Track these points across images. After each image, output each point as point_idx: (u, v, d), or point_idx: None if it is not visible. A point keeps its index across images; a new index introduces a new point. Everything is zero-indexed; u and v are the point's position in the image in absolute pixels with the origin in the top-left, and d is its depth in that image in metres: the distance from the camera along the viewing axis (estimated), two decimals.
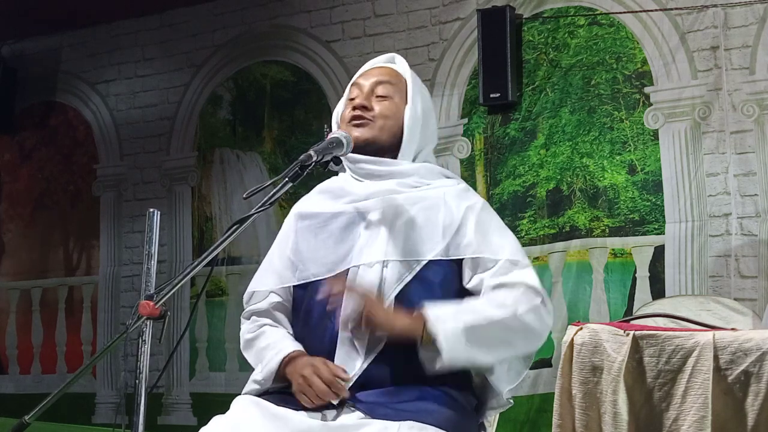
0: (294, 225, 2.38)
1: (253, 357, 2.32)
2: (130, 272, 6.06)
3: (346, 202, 2.32)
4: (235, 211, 5.73)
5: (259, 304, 2.36)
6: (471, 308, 2.15)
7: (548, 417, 2.50)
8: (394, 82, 2.37)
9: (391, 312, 2.13)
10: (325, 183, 2.43)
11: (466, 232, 2.24)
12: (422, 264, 2.21)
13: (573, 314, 4.56)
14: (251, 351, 2.33)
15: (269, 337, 2.29)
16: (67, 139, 6.50)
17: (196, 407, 5.72)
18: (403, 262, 2.21)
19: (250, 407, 2.10)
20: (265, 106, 5.77)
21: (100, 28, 6.33)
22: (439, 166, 2.46)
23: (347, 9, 5.47)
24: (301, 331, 2.29)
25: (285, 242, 2.38)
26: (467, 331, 2.09)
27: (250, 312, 2.37)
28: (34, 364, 6.40)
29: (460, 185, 2.38)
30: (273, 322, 2.33)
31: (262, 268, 2.40)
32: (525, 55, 4.89)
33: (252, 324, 2.36)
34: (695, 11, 4.44)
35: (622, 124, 4.62)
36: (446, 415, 2.08)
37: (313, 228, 2.33)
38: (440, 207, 2.27)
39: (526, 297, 2.20)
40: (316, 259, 2.28)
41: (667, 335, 2.20)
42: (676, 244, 4.42)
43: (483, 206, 2.33)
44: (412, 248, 2.22)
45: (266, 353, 2.25)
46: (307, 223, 2.35)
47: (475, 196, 2.37)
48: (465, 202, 2.30)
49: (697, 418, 2.10)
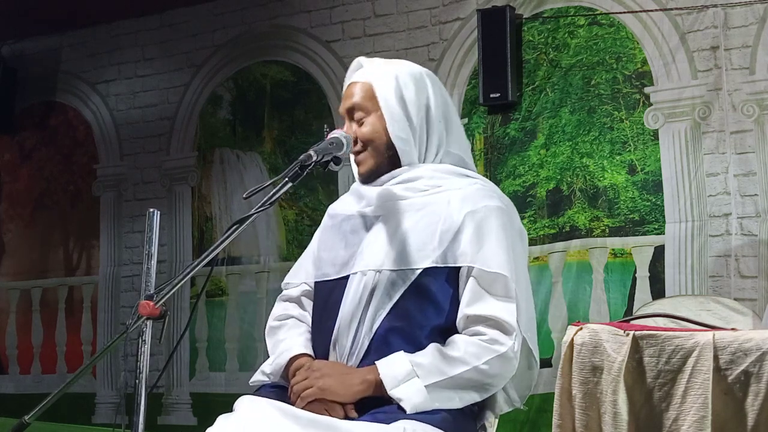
0: (324, 223, 2.45)
1: (272, 345, 2.38)
2: (130, 272, 6.07)
3: (362, 206, 2.33)
4: (235, 211, 5.73)
5: (292, 290, 2.43)
6: (429, 368, 2.12)
7: (548, 417, 2.50)
8: (366, 97, 2.30)
9: (346, 382, 2.13)
10: (355, 184, 2.44)
11: (462, 239, 2.19)
12: (417, 273, 2.19)
13: (573, 314, 4.56)
14: (272, 339, 2.39)
15: (289, 332, 2.35)
16: (67, 139, 6.50)
17: (196, 407, 5.72)
18: (398, 272, 2.20)
19: (256, 406, 2.11)
20: (265, 106, 5.77)
21: (100, 28, 6.33)
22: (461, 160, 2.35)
23: (347, 9, 5.47)
24: (312, 326, 2.36)
25: (315, 239, 2.45)
26: (430, 389, 2.09)
27: (286, 296, 2.45)
28: (34, 364, 6.40)
29: (474, 186, 2.29)
30: (301, 311, 2.39)
31: (299, 261, 2.47)
32: (525, 55, 4.90)
33: (282, 311, 2.41)
34: (695, 11, 4.45)
35: (622, 124, 4.62)
36: (446, 414, 2.09)
37: (333, 228, 2.38)
38: (441, 213, 2.22)
39: (493, 345, 2.14)
40: (330, 259, 2.33)
41: (667, 335, 2.20)
42: (676, 244, 4.42)
43: (487, 212, 2.22)
44: (407, 257, 2.20)
45: (281, 346, 2.31)
46: (331, 222, 2.41)
47: (486, 199, 2.25)
48: (468, 206, 2.22)
49: (697, 418, 2.10)
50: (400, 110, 2.27)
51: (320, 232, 2.43)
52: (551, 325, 4.63)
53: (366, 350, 2.17)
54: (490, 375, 2.14)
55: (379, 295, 2.19)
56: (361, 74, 2.34)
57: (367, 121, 2.30)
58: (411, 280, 2.18)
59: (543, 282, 4.68)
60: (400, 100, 2.28)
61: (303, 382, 2.15)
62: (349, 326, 2.20)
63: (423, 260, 2.19)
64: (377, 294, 2.19)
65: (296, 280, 2.43)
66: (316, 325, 2.31)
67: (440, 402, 2.09)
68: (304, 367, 2.19)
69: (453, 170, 2.31)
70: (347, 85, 2.36)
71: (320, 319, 2.29)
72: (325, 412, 2.09)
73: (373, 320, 2.18)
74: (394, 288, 2.19)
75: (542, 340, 4.60)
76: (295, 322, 2.37)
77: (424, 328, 2.18)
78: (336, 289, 2.26)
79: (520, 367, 2.22)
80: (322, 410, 2.09)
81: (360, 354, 2.18)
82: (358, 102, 2.30)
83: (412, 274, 2.19)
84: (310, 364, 2.19)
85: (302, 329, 2.35)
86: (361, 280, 2.22)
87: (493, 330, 2.15)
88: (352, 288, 2.23)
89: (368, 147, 2.30)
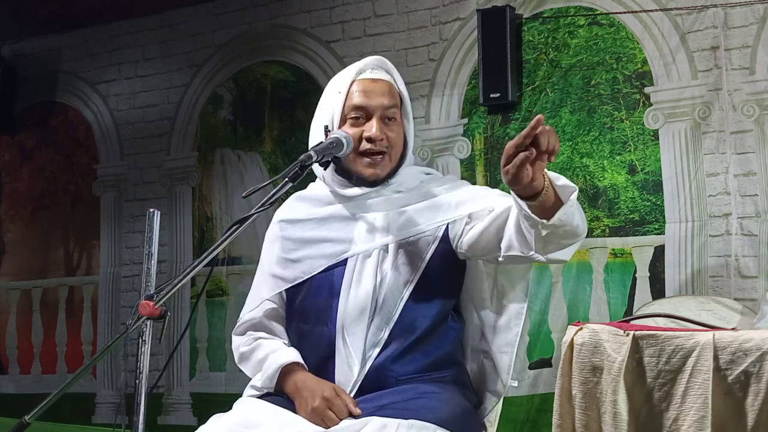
0: (279, 232, 2.37)
1: (251, 369, 2.32)
2: (130, 272, 6.06)
3: (337, 206, 2.32)
4: (235, 211, 5.73)
5: (252, 313, 2.35)
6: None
7: (548, 417, 2.50)
8: (396, 100, 2.34)
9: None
10: (304, 191, 2.43)
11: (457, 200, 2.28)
12: (426, 261, 2.20)
13: (573, 314, 4.56)
14: (248, 363, 2.33)
15: (266, 348, 2.29)
16: (67, 139, 6.50)
17: (196, 407, 5.72)
18: (408, 261, 2.20)
19: (251, 405, 2.11)
20: (265, 106, 5.77)
21: (100, 28, 6.32)
22: (414, 162, 2.46)
23: (347, 9, 5.47)
24: (297, 334, 2.29)
25: (271, 251, 2.37)
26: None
27: (245, 327, 2.36)
28: (34, 364, 6.40)
29: (440, 176, 2.43)
30: (267, 334, 2.33)
31: (255, 284, 2.39)
32: (525, 55, 4.89)
33: (247, 338, 2.34)
34: (695, 11, 4.44)
35: (622, 124, 4.62)
36: (447, 413, 2.09)
37: (304, 231, 2.33)
38: (432, 195, 2.31)
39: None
40: (310, 257, 2.28)
41: (667, 335, 2.20)
42: (676, 244, 4.42)
43: (464, 182, 2.39)
44: (417, 222, 2.25)
45: (264, 364, 2.25)
46: (296, 227, 2.35)
47: (454, 179, 2.43)
48: (447, 183, 2.35)
49: (697, 418, 2.10)
50: (413, 125, 2.38)
51: (278, 240, 2.36)
52: (551, 325, 4.63)
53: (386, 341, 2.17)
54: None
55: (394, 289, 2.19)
56: (386, 76, 2.35)
57: (395, 126, 2.31)
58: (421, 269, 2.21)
59: (543, 282, 4.68)
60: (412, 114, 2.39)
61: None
62: (358, 319, 2.18)
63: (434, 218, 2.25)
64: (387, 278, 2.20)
65: (260, 299, 2.34)
66: (310, 326, 2.25)
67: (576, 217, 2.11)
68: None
69: (418, 170, 2.42)
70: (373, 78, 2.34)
71: (311, 321, 2.25)
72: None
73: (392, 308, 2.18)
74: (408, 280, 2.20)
75: (542, 340, 4.62)
76: (267, 341, 2.31)
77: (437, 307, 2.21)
78: (326, 285, 2.24)
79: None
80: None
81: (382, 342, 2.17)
82: (391, 103, 2.31)
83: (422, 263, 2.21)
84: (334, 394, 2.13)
85: (279, 342, 2.30)
86: (364, 265, 2.21)
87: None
88: (354, 276, 2.21)
89: (392, 151, 2.31)
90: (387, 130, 2.29)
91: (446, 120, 5.06)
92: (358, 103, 2.29)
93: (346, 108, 2.30)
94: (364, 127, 2.28)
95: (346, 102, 2.31)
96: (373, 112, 2.29)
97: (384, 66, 2.37)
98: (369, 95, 2.30)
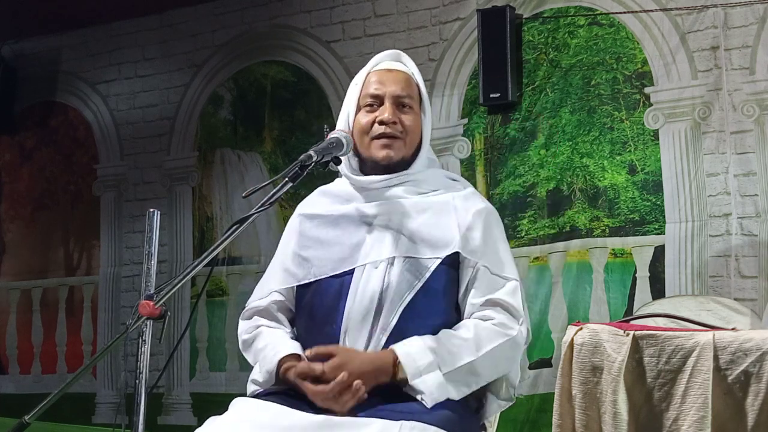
0: (298, 226, 2.37)
1: (252, 357, 2.33)
2: (130, 272, 6.06)
3: (353, 205, 2.31)
4: (235, 211, 5.73)
5: (259, 302, 2.36)
6: (446, 351, 2.12)
7: (548, 417, 2.50)
8: (414, 91, 2.34)
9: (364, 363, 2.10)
10: (329, 186, 2.42)
11: (475, 236, 2.24)
12: (431, 270, 2.19)
13: (573, 314, 4.56)
14: (249, 351, 2.34)
15: (266, 338, 2.29)
16: (67, 139, 6.50)
17: (196, 407, 5.72)
18: (412, 270, 2.20)
19: (247, 407, 2.10)
20: (265, 106, 5.77)
21: (100, 28, 6.33)
22: (440, 166, 2.45)
23: (347, 9, 5.47)
24: (305, 332, 2.30)
25: (288, 244, 2.37)
26: (447, 378, 2.10)
27: (251, 311, 2.37)
28: (34, 364, 6.40)
29: (467, 189, 2.36)
30: (271, 321, 2.33)
31: (267, 274, 2.40)
32: (525, 55, 4.89)
33: (250, 324, 2.36)
34: (695, 11, 4.44)
35: (623, 125, 4.62)
36: (447, 415, 2.08)
37: (319, 229, 2.32)
38: (450, 212, 2.26)
39: (503, 328, 2.19)
40: (320, 259, 2.27)
41: (667, 335, 2.20)
42: (676, 244, 4.42)
43: (489, 212, 2.32)
44: (425, 249, 2.21)
45: (264, 353, 2.25)
46: (313, 223, 2.34)
47: (483, 200, 2.36)
48: (473, 206, 2.29)
49: (697, 418, 2.10)
50: (431, 121, 2.35)
51: (294, 235, 2.36)
52: (551, 325, 4.63)
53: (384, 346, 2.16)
54: (503, 358, 2.18)
55: (393, 294, 2.18)
56: (408, 69, 2.36)
57: (413, 112, 2.31)
58: (425, 278, 2.19)
59: (543, 282, 4.68)
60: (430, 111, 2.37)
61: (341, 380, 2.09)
62: (361, 323, 2.18)
63: (442, 250, 2.21)
64: (391, 292, 2.18)
65: (269, 289, 2.35)
66: (317, 324, 2.25)
67: (455, 391, 2.10)
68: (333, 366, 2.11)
69: (442, 174, 2.40)
70: (389, 68, 2.34)
71: (318, 320, 2.25)
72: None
73: (390, 314, 2.17)
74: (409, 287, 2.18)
75: (542, 340, 4.62)
76: (268, 330, 2.31)
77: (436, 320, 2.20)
78: (334, 286, 2.23)
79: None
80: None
81: (378, 348, 2.16)
82: (410, 91, 2.31)
83: (426, 272, 2.19)
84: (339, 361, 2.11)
85: (280, 332, 2.30)
86: (372, 273, 2.21)
87: (502, 314, 2.19)
88: (361, 281, 2.20)
89: (407, 137, 2.30)
90: (402, 116, 2.29)
91: (446, 120, 5.06)
92: (373, 91, 2.31)
93: (362, 98, 2.32)
94: (377, 112, 2.29)
95: (362, 92, 2.32)
96: (387, 98, 2.29)
97: (401, 59, 2.38)
98: (383, 83, 2.31)
